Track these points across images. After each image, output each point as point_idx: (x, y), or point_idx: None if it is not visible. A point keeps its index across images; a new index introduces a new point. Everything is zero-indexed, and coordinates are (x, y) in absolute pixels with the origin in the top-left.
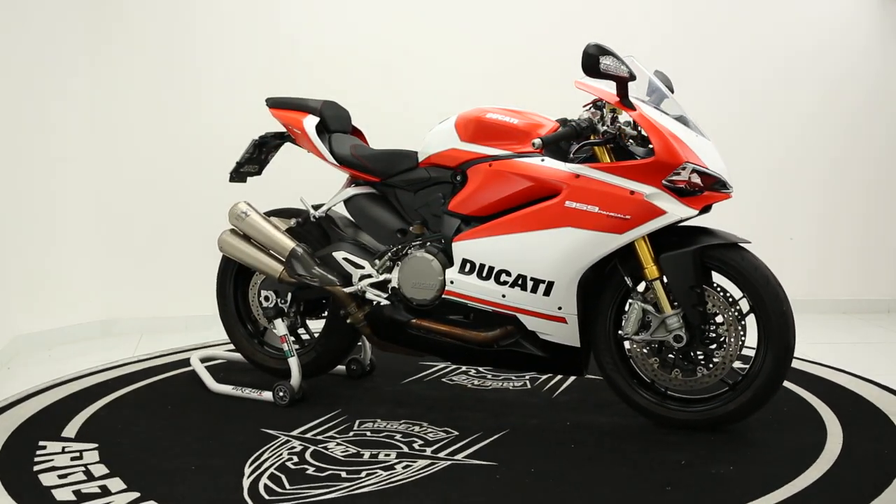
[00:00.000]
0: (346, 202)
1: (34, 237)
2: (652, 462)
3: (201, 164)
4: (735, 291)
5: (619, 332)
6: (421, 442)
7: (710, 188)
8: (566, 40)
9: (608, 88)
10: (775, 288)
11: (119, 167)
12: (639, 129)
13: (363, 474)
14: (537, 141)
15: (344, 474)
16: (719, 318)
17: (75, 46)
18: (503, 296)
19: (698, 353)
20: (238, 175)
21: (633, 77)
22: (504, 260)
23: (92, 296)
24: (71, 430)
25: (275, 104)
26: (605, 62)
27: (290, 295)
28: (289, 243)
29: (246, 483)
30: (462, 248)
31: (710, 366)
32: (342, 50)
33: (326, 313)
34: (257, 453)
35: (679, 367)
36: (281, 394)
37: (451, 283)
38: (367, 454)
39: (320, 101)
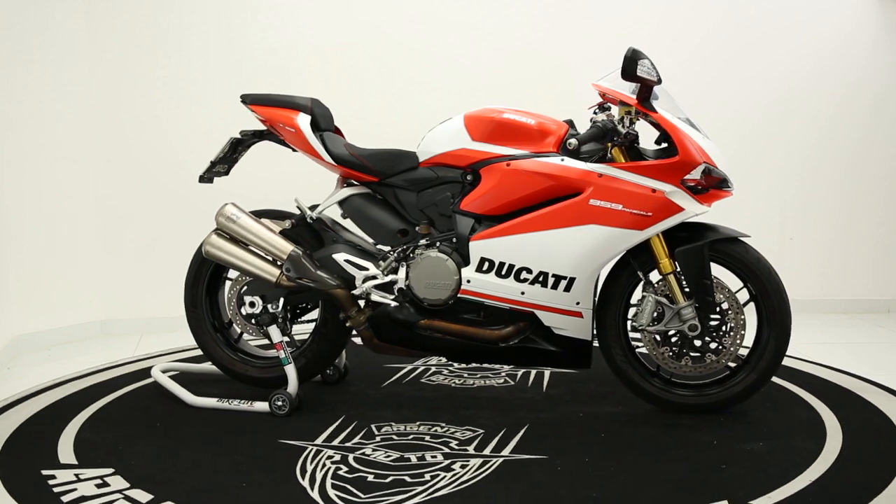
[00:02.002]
0: (342, 203)
1: (34, 237)
2: (687, 444)
3: (201, 164)
4: (733, 282)
5: (633, 323)
6: (455, 442)
7: (715, 186)
8: (567, 43)
9: (626, 91)
10: (776, 277)
11: (118, 167)
12: (635, 128)
13: (426, 477)
14: (573, 141)
15: (408, 479)
16: (725, 306)
17: (74, 47)
18: (522, 293)
19: (707, 340)
20: (208, 175)
21: (659, 81)
22: (526, 258)
23: (91, 296)
24: (66, 452)
25: (257, 101)
26: (643, 67)
27: (281, 300)
28: (287, 246)
29: (315, 495)
30: (481, 247)
31: (719, 351)
32: (336, 49)
33: (317, 318)
34: (299, 465)
35: (689, 355)
36: (279, 403)
37: (468, 281)
38: (412, 457)
39: (308, 99)
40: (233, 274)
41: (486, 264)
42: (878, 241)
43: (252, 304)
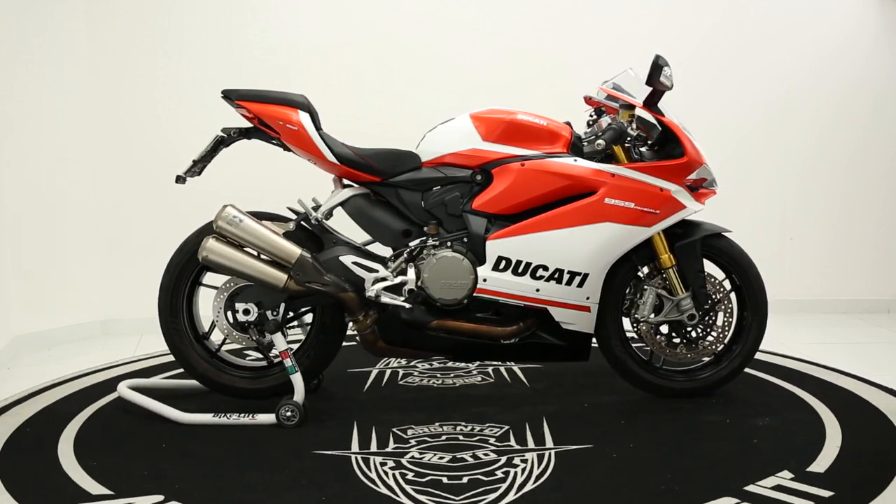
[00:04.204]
0: (343, 204)
1: (34, 237)
2: (705, 425)
3: None
4: (717, 273)
5: (635, 315)
6: (493, 439)
7: (704, 186)
8: (567, 43)
9: (632, 96)
10: (756, 268)
11: (118, 167)
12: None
13: (499, 474)
14: (601, 142)
15: (483, 478)
16: (715, 295)
17: (74, 47)
18: (537, 290)
19: (700, 328)
20: (186, 175)
21: (671, 88)
22: (543, 255)
23: (92, 296)
24: (80, 476)
25: (246, 97)
26: (665, 74)
27: (283, 306)
28: (295, 250)
29: (406, 500)
30: (498, 246)
31: (712, 337)
32: (336, 49)
33: (314, 323)
34: (359, 474)
35: (683, 342)
36: (289, 413)
37: (484, 280)
38: (466, 457)
39: (302, 96)
40: (214, 280)
41: (503, 263)
42: (878, 241)
43: (246, 312)
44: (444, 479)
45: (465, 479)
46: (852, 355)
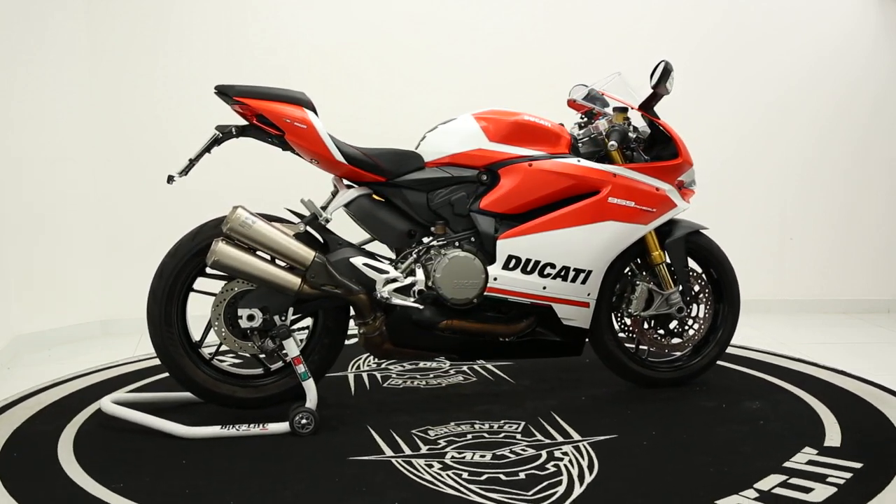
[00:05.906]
0: (347, 204)
1: (34, 237)
2: (704, 411)
3: (202, 162)
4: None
5: (629, 310)
6: (519, 435)
7: (685, 186)
8: (567, 43)
9: (629, 99)
10: (730, 263)
11: (118, 167)
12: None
13: (551, 468)
14: (614, 143)
15: (539, 473)
16: (696, 288)
17: (74, 47)
18: (544, 287)
19: (686, 320)
20: (178, 175)
21: (670, 93)
22: (552, 254)
23: (92, 296)
24: (112, 498)
25: (247, 94)
26: (671, 80)
27: (290, 310)
28: (309, 252)
29: (479, 499)
30: (508, 245)
31: (695, 328)
32: (336, 49)
33: (317, 327)
34: (413, 478)
35: (671, 334)
36: (304, 421)
37: (495, 279)
38: (507, 453)
39: (302, 93)
40: (206, 285)
41: (513, 262)
42: (878, 241)
43: (251, 318)
44: (502, 477)
45: (521, 475)
46: (852, 355)
